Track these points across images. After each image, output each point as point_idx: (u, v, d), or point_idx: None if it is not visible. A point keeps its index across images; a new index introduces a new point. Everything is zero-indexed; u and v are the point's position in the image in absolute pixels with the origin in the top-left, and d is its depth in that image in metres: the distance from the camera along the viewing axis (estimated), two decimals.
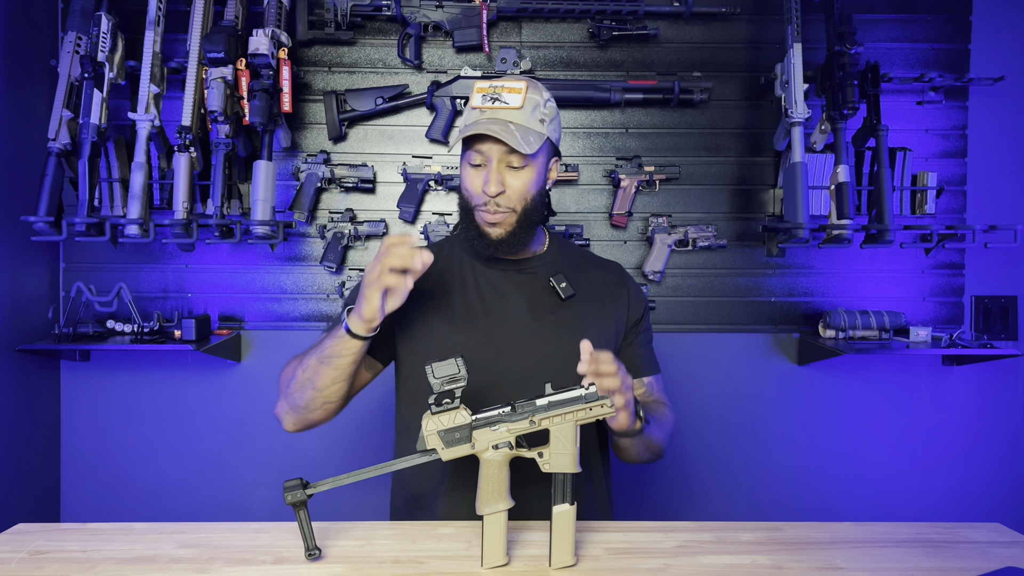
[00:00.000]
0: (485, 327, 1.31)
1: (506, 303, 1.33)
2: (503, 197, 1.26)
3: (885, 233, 2.10)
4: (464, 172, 1.31)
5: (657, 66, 2.30)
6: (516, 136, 1.22)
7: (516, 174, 1.27)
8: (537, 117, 1.27)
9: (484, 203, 1.27)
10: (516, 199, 1.28)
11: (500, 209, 1.27)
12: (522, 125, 1.24)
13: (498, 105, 1.25)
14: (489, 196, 1.26)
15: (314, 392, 1.22)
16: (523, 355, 1.29)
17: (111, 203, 2.09)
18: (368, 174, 2.22)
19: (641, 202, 2.30)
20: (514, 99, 1.25)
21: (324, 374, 1.20)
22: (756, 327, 2.34)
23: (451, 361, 1.00)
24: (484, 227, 1.29)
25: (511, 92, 1.25)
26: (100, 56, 1.98)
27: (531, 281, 1.36)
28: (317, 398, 1.22)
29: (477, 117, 1.26)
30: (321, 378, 1.20)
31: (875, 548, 1.10)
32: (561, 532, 1.01)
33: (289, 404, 1.27)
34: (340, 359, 1.18)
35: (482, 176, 1.27)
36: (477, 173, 1.28)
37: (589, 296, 1.37)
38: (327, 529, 1.14)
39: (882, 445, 2.38)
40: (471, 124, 1.25)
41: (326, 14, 2.17)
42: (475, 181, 1.28)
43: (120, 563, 1.03)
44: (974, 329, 2.34)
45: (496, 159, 1.25)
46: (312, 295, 2.29)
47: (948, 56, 2.33)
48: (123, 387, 2.28)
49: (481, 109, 1.26)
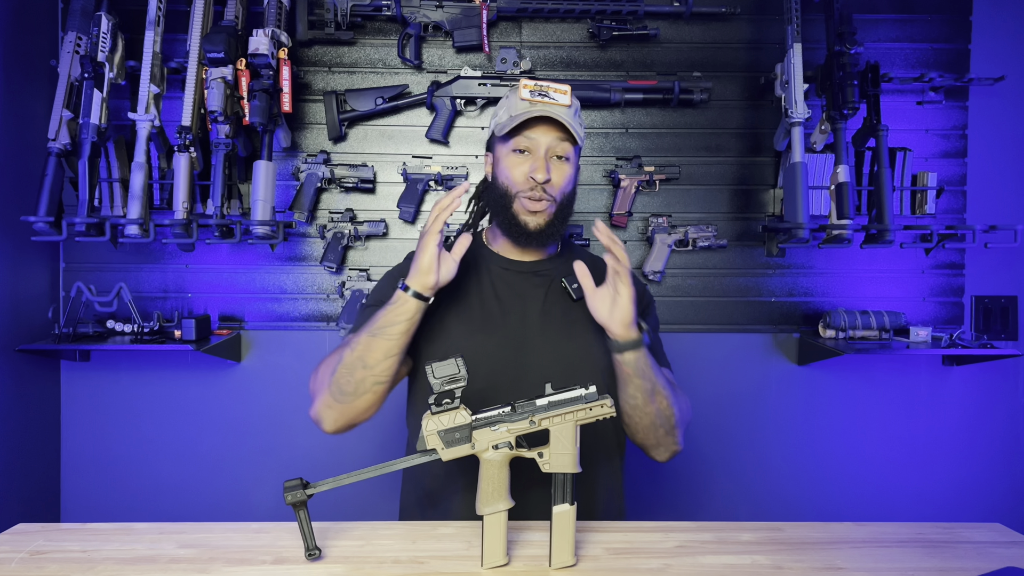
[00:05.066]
0: (504, 328, 1.32)
1: (524, 304, 1.34)
2: (548, 185, 1.28)
3: (885, 233, 2.10)
4: (506, 160, 1.32)
5: (657, 66, 2.30)
6: (572, 126, 1.27)
7: (560, 165, 1.30)
8: (578, 120, 1.32)
9: (530, 189, 1.29)
10: (558, 191, 1.30)
11: (545, 197, 1.29)
12: (570, 120, 1.28)
13: (548, 100, 1.28)
14: (537, 182, 1.27)
15: (364, 371, 1.20)
16: (541, 355, 1.30)
17: (111, 203, 2.09)
18: (368, 174, 2.22)
19: (641, 202, 2.30)
20: (562, 97, 1.29)
21: (376, 348, 1.19)
22: (756, 327, 2.34)
23: (451, 361, 1.00)
24: (523, 215, 1.31)
25: (559, 92, 1.29)
26: (100, 56, 1.98)
27: (545, 282, 1.37)
28: (368, 378, 1.20)
29: (527, 108, 1.28)
30: (373, 353, 1.19)
31: (875, 548, 1.10)
32: (561, 532, 1.01)
33: (333, 394, 1.23)
34: (394, 327, 1.18)
35: (528, 163, 1.29)
36: (522, 160, 1.30)
37: None
38: (327, 529, 1.14)
39: (882, 445, 2.38)
40: (522, 112, 1.27)
41: (326, 14, 2.17)
42: (520, 168, 1.30)
43: (120, 563, 1.03)
44: (974, 329, 2.34)
45: (544, 147, 1.28)
46: (312, 295, 2.29)
47: (948, 56, 2.33)
48: (123, 387, 2.28)
49: (531, 102, 1.28)
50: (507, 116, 1.31)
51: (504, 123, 1.30)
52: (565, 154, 1.30)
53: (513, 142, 1.30)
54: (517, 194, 1.30)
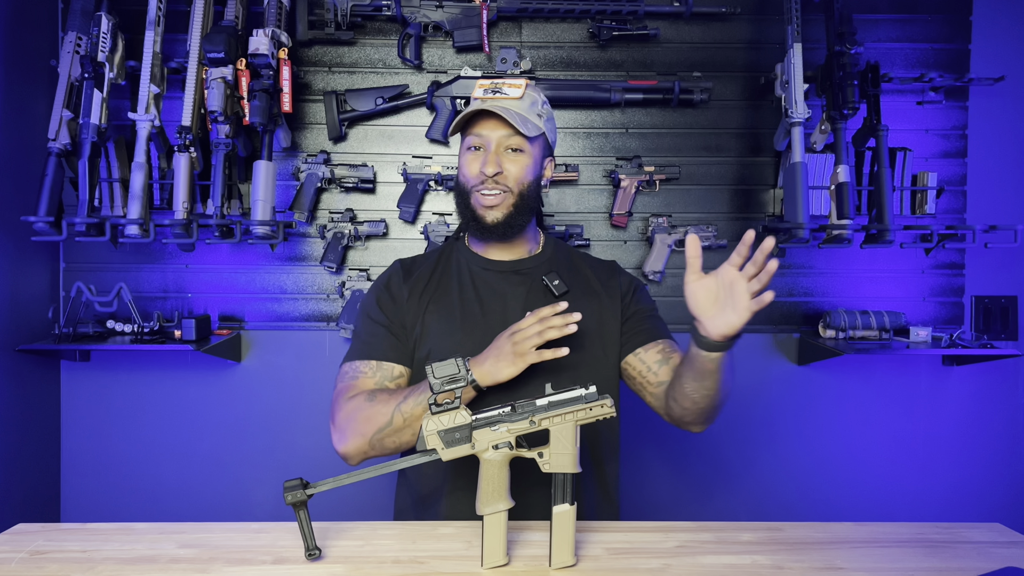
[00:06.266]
0: (484, 327, 1.32)
1: (504, 303, 1.35)
2: (500, 177, 1.30)
3: (885, 233, 2.10)
4: (462, 158, 1.35)
5: (657, 66, 2.30)
6: (516, 118, 1.28)
7: (514, 158, 1.32)
8: (535, 111, 1.33)
9: (481, 182, 1.30)
10: (513, 181, 1.31)
11: (498, 187, 1.31)
12: (520, 113, 1.30)
13: (499, 96, 1.31)
14: (487, 176, 1.29)
15: (411, 436, 1.21)
16: None
17: (111, 203, 2.09)
18: (368, 174, 2.22)
19: (641, 202, 2.30)
20: (514, 92, 1.31)
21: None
22: (756, 327, 2.33)
23: (451, 361, 1.00)
24: (480, 210, 1.33)
25: (512, 87, 1.32)
26: (100, 56, 1.98)
27: (527, 281, 1.37)
28: (409, 437, 1.22)
29: (478, 105, 1.30)
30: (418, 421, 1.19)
31: (875, 548, 1.10)
32: (561, 532, 1.01)
33: (372, 444, 1.23)
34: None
35: (480, 159, 1.31)
36: (475, 156, 1.32)
37: (583, 292, 1.39)
38: (327, 529, 1.14)
39: (882, 445, 2.38)
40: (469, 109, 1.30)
41: (326, 14, 2.17)
42: (473, 164, 1.32)
43: (120, 563, 1.03)
44: (974, 329, 2.34)
45: (495, 142, 1.30)
46: (312, 295, 2.29)
47: (948, 56, 2.33)
48: (123, 387, 2.28)
49: (482, 99, 1.31)
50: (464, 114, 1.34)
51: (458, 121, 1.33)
52: (519, 147, 1.31)
53: (467, 140, 1.34)
54: (472, 189, 1.33)
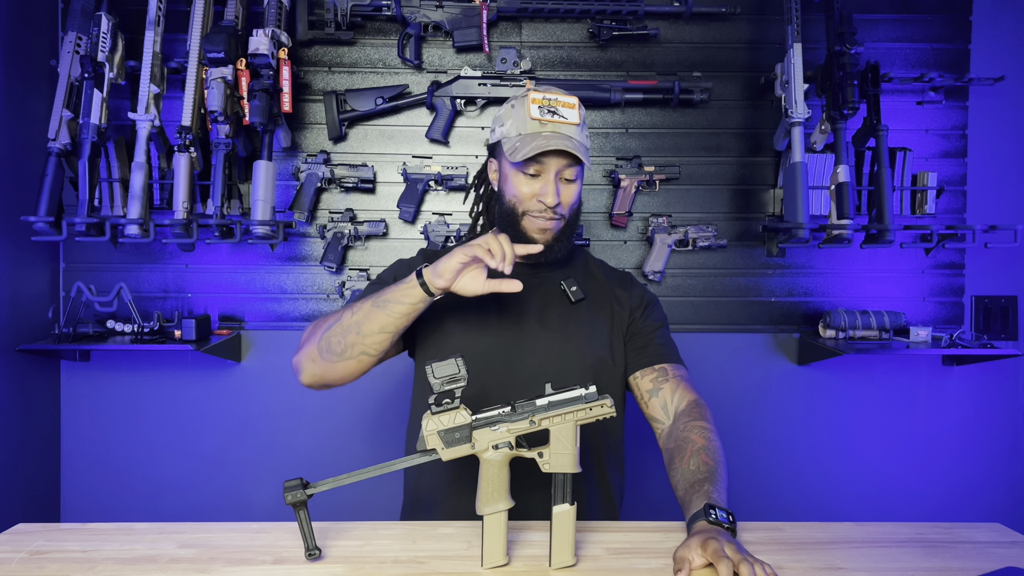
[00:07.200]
0: (499, 328, 1.32)
1: (520, 306, 1.35)
2: (557, 207, 1.30)
3: (885, 233, 2.10)
4: (515, 178, 1.32)
5: (657, 66, 2.30)
6: (580, 149, 1.27)
7: (569, 186, 1.32)
8: (585, 133, 1.33)
9: (540, 211, 1.30)
10: (567, 208, 1.32)
11: (556, 217, 1.31)
12: (582, 142, 1.29)
13: (557, 119, 1.28)
14: (547, 206, 1.29)
15: (357, 337, 1.21)
16: (533, 356, 1.31)
17: (111, 203, 2.09)
18: (368, 174, 2.22)
19: (641, 202, 2.30)
20: (572, 115, 1.29)
21: (375, 319, 1.19)
22: (756, 327, 2.34)
23: (451, 361, 1.00)
24: (532, 234, 1.32)
25: (567, 107, 1.30)
26: (100, 56, 1.98)
27: (544, 284, 1.38)
28: (358, 344, 1.21)
29: (538, 129, 1.28)
30: (370, 323, 1.20)
31: (875, 548, 1.10)
32: (561, 532, 1.01)
33: (320, 349, 1.23)
34: (398, 305, 1.19)
35: (537, 184, 1.30)
36: (531, 181, 1.31)
37: (598, 300, 1.40)
38: (327, 529, 1.14)
39: (882, 445, 2.38)
40: (537, 139, 1.26)
41: (326, 14, 2.17)
42: (530, 187, 1.30)
43: (120, 563, 1.03)
44: (974, 329, 2.34)
45: (553, 170, 1.29)
46: (312, 295, 2.29)
47: (948, 56, 2.33)
48: (123, 387, 2.28)
49: (541, 121, 1.28)
50: (516, 133, 1.30)
51: (516, 147, 1.28)
52: (574, 176, 1.31)
53: (522, 165, 1.30)
54: (525, 213, 1.32)
